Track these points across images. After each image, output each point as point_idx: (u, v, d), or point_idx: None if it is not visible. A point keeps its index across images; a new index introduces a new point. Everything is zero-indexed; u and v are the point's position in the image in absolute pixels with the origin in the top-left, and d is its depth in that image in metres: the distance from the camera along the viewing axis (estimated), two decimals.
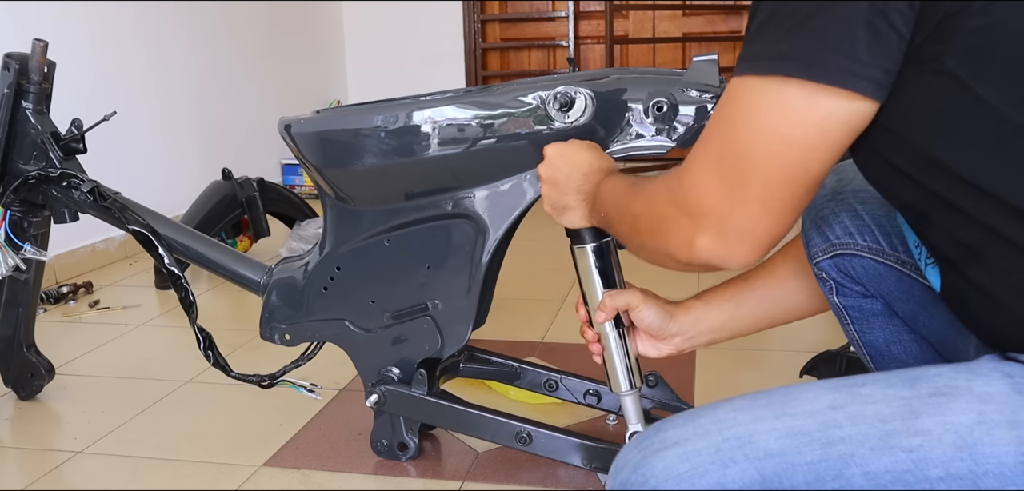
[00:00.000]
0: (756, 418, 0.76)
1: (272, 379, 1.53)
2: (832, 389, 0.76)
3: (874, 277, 1.05)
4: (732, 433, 0.75)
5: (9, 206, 1.61)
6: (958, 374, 0.73)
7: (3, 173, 1.63)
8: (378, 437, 1.50)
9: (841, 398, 0.75)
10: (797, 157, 0.74)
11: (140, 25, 3.29)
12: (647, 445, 0.79)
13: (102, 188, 1.59)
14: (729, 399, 0.80)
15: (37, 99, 1.64)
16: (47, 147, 1.63)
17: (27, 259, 1.65)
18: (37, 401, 1.84)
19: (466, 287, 1.37)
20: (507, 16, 5.00)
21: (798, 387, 0.78)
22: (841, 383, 0.77)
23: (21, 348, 1.80)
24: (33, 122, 1.63)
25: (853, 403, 0.74)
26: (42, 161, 1.63)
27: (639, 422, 1.27)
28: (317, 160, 1.35)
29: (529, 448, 1.39)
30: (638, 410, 1.27)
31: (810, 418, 0.74)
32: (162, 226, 1.56)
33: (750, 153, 0.75)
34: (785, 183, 0.75)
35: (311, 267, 1.45)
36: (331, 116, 1.35)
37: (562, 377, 1.55)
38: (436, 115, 1.27)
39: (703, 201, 0.79)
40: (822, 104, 0.72)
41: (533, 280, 2.60)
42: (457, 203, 1.33)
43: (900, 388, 0.74)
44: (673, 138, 1.21)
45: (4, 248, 1.60)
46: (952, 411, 0.71)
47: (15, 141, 1.63)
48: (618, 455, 0.82)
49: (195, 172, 3.49)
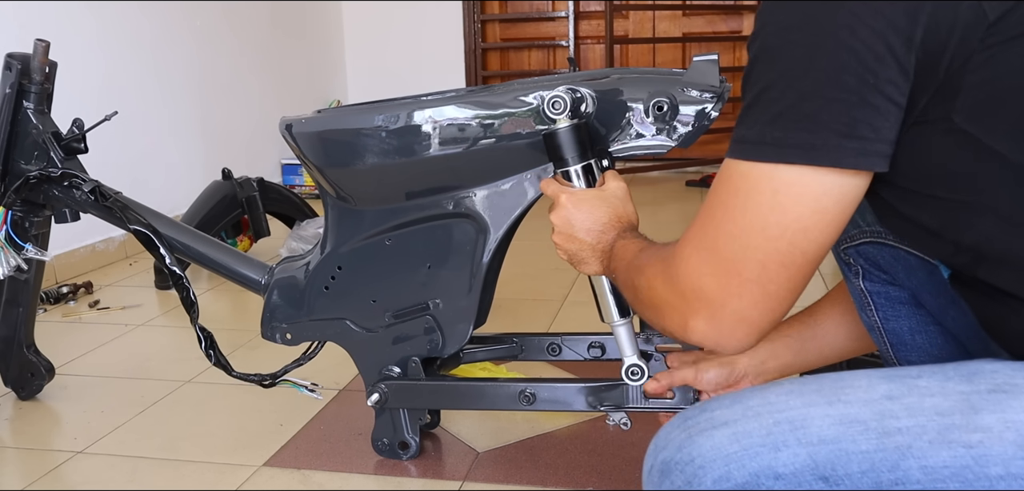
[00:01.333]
0: (809, 402, 0.75)
1: (273, 378, 1.53)
2: (887, 379, 0.75)
3: (904, 267, 1.04)
4: (784, 415, 0.74)
5: (11, 206, 1.61)
6: (1018, 372, 0.72)
7: (4, 173, 1.64)
8: (379, 436, 1.50)
9: (897, 389, 0.74)
10: (794, 240, 0.74)
11: (141, 25, 3.29)
12: (692, 424, 0.78)
13: (103, 188, 1.59)
14: (777, 382, 0.80)
15: (39, 99, 1.64)
16: (48, 147, 1.63)
17: (28, 259, 1.65)
18: (37, 401, 1.84)
19: (467, 286, 1.37)
20: (507, 16, 5.00)
21: (850, 374, 0.77)
22: (895, 373, 0.76)
23: (21, 348, 1.80)
24: (34, 122, 1.63)
25: (910, 395, 0.73)
26: (43, 161, 1.63)
27: (634, 354, 1.27)
28: (318, 160, 1.35)
29: (534, 406, 1.38)
30: (632, 341, 1.27)
31: (865, 406, 0.73)
32: (163, 226, 1.56)
33: (745, 238, 0.75)
34: (783, 266, 0.75)
35: (312, 267, 1.45)
36: (332, 116, 1.36)
37: (564, 338, 1.57)
38: (437, 115, 1.27)
39: (697, 286, 0.79)
40: (814, 185, 0.71)
41: (534, 280, 2.60)
42: (458, 203, 1.33)
43: (958, 382, 0.72)
44: (673, 138, 1.22)
45: (6, 248, 1.60)
46: (1013, 409, 0.69)
47: (17, 141, 1.64)
48: (659, 433, 0.80)
49: (195, 172, 3.49)
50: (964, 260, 0.76)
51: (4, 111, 1.62)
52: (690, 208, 3.78)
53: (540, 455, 1.51)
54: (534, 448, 1.53)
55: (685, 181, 4.39)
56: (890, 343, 1.11)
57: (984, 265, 0.75)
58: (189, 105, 3.62)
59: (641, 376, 1.28)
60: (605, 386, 1.34)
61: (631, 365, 1.28)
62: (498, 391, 1.42)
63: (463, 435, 1.58)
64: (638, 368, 1.27)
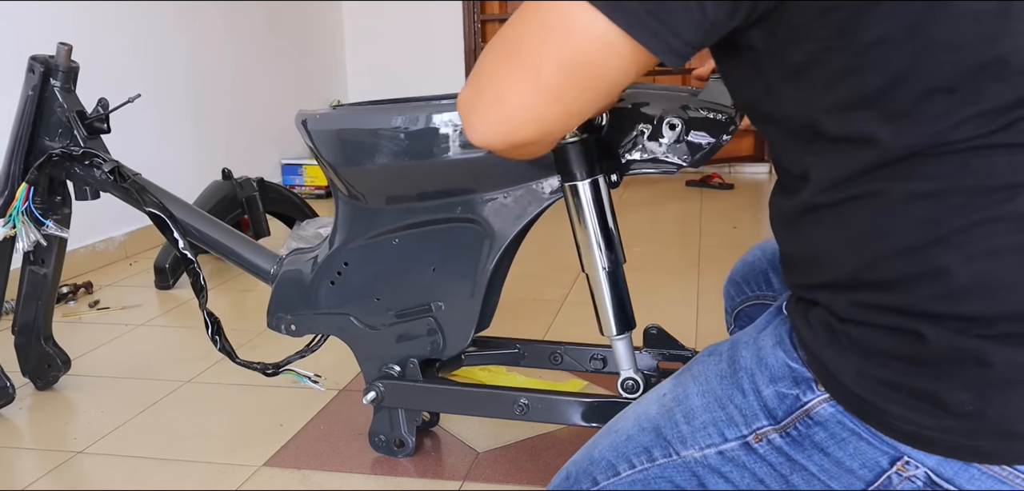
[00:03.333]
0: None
1: (276, 368, 1.54)
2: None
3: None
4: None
5: (34, 183, 1.64)
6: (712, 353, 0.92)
7: (29, 151, 1.68)
8: (376, 432, 1.51)
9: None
10: (575, 59, 0.72)
11: (141, 25, 3.29)
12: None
13: (123, 168, 1.63)
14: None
15: (65, 78, 1.68)
16: (73, 125, 1.66)
17: (49, 236, 1.69)
18: (37, 401, 1.84)
19: (470, 291, 1.37)
20: (507, 16, 5.00)
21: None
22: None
23: (40, 340, 1.85)
24: (60, 99, 1.67)
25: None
26: (67, 139, 1.67)
27: (631, 368, 1.27)
28: (332, 157, 1.35)
29: (528, 416, 1.38)
30: (630, 356, 1.27)
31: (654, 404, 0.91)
32: (178, 210, 1.58)
33: (533, 39, 0.73)
34: (559, 70, 0.73)
35: (320, 260, 1.46)
36: (348, 114, 1.35)
37: (566, 347, 1.57)
38: (454, 118, 1.27)
39: (478, 68, 0.78)
40: (605, 33, 0.71)
41: (534, 280, 2.60)
42: (467, 207, 1.33)
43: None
44: (685, 157, 1.22)
45: (27, 222, 1.64)
46: (664, 386, 0.93)
47: (42, 118, 1.68)
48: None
49: (195, 172, 3.49)
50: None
51: (27, 113, 1.66)
52: (690, 208, 3.79)
53: (540, 455, 1.51)
54: (534, 448, 1.53)
55: (685, 181, 4.39)
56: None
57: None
58: (189, 105, 3.62)
59: (637, 390, 1.28)
60: (602, 402, 1.34)
61: (627, 379, 1.28)
62: (493, 399, 1.42)
63: (463, 435, 1.58)
64: (634, 382, 1.27)
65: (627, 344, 1.26)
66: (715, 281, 2.54)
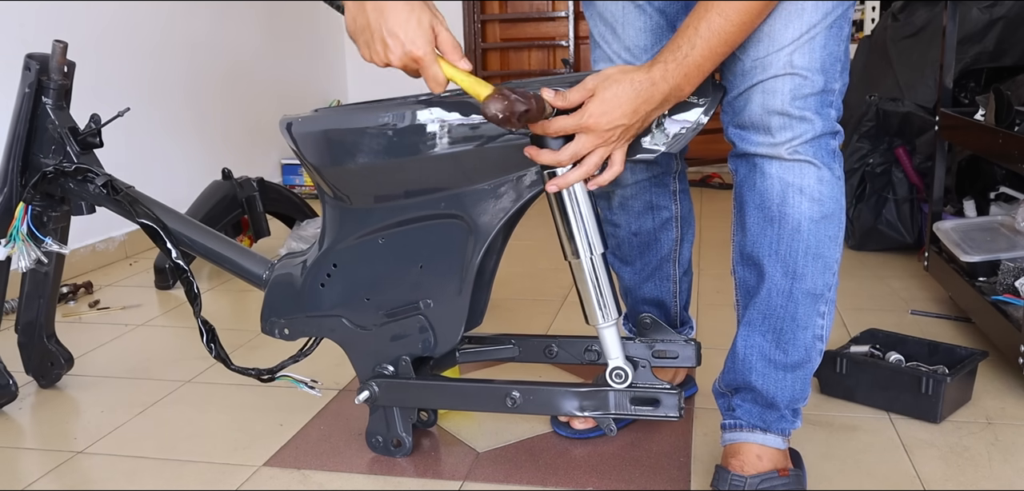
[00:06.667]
0: None
1: (271, 373, 1.55)
2: None
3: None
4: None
5: (30, 201, 1.66)
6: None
7: (25, 168, 1.69)
8: (373, 432, 1.51)
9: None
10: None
11: (140, 25, 3.29)
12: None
13: (116, 182, 1.64)
14: None
15: (57, 95, 1.69)
16: (65, 142, 1.67)
17: (48, 251, 1.70)
18: (38, 400, 1.84)
19: (458, 288, 1.37)
20: (507, 16, 5.00)
21: None
22: None
23: (43, 338, 1.86)
24: (52, 117, 1.68)
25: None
26: (60, 155, 1.68)
27: (619, 357, 1.27)
28: (316, 159, 1.36)
29: (520, 409, 1.39)
30: (618, 344, 1.26)
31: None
32: (171, 220, 1.60)
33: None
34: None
35: (309, 264, 1.46)
36: (330, 115, 1.36)
37: (560, 341, 1.58)
38: (432, 115, 1.28)
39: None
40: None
41: (533, 280, 2.60)
42: (450, 202, 1.33)
43: None
44: (663, 143, 1.22)
45: (27, 241, 1.65)
46: None
47: (35, 136, 1.69)
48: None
49: (195, 172, 3.49)
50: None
51: (23, 110, 1.67)
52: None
53: (540, 455, 1.51)
54: (534, 448, 1.53)
55: None
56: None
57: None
58: (189, 105, 3.62)
59: (626, 379, 1.28)
60: (592, 390, 1.34)
61: (615, 367, 1.28)
62: (483, 392, 1.43)
63: (463, 435, 1.58)
64: (623, 371, 1.27)
65: (614, 332, 1.26)
66: (715, 280, 2.54)
